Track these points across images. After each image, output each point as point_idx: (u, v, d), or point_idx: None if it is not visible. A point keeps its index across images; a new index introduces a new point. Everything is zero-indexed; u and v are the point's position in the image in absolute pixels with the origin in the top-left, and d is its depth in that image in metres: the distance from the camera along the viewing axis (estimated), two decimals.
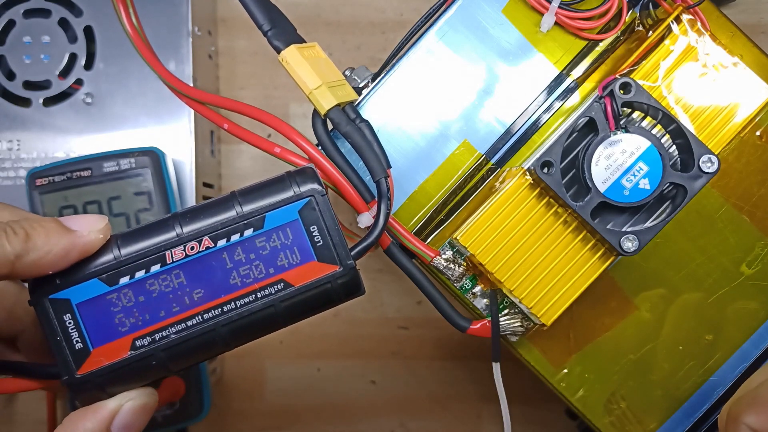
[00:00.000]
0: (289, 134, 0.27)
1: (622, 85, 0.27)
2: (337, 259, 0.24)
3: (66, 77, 0.41)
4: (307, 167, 0.25)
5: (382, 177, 0.26)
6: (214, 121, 0.28)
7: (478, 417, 0.48)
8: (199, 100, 0.28)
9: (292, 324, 0.25)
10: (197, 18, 0.43)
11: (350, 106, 0.27)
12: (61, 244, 0.21)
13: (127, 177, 0.39)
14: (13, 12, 0.41)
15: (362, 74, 0.33)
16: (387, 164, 0.26)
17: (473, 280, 0.30)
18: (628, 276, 0.31)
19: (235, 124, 0.28)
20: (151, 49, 0.27)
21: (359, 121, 0.27)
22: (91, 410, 0.22)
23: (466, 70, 0.30)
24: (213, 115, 0.28)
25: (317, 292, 0.24)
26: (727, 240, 0.31)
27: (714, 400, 0.31)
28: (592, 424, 0.32)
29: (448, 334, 0.48)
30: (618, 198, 0.27)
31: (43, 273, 0.21)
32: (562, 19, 0.30)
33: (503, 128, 0.30)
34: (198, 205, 0.24)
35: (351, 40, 0.48)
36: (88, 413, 0.22)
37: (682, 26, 0.29)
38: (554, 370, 0.31)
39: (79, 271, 0.23)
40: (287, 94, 0.48)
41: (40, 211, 0.38)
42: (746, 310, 0.31)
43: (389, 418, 0.48)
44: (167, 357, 0.23)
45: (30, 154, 0.41)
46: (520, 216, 0.28)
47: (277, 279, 0.24)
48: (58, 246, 0.21)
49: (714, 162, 0.26)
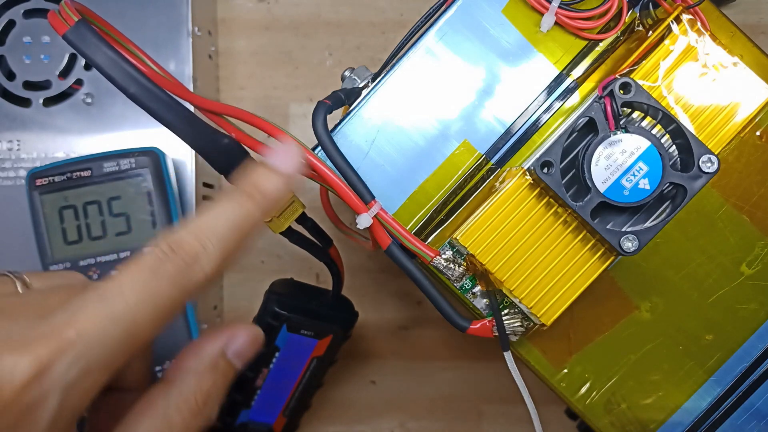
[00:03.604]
0: (282, 139, 0.27)
1: (622, 85, 0.27)
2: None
3: (66, 77, 0.41)
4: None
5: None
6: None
7: (478, 417, 0.48)
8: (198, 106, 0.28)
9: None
10: (197, 18, 0.43)
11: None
12: (286, 190, 0.25)
13: (127, 177, 0.38)
14: (13, 12, 0.41)
15: (362, 74, 0.33)
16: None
17: (473, 280, 0.30)
18: (628, 276, 0.31)
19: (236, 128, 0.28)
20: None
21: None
22: (213, 336, 0.25)
23: (466, 70, 0.30)
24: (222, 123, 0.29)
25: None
26: (727, 240, 0.31)
27: (714, 401, 0.31)
28: (592, 424, 0.32)
29: (448, 334, 0.48)
30: (618, 198, 0.27)
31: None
32: (562, 19, 0.30)
33: (503, 128, 0.30)
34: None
35: (351, 40, 0.48)
36: (210, 338, 0.25)
37: (682, 26, 0.29)
38: (554, 370, 0.31)
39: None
40: (287, 94, 0.48)
41: (40, 211, 0.38)
42: (746, 310, 0.31)
43: (389, 418, 0.48)
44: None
45: (30, 154, 0.41)
46: (520, 216, 0.28)
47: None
48: (285, 193, 0.25)
49: (714, 162, 0.26)
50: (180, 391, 0.23)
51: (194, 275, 0.22)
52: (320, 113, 0.28)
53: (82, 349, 0.19)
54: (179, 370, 0.24)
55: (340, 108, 0.31)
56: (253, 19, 0.48)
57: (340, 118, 0.30)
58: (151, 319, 0.21)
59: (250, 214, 0.23)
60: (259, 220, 0.24)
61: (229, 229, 0.23)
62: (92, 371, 0.20)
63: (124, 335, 0.20)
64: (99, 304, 0.20)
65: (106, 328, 0.20)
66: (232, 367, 0.25)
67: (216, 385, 0.24)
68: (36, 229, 0.38)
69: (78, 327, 0.19)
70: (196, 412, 0.23)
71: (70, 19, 0.24)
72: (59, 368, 0.19)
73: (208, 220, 0.23)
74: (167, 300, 0.21)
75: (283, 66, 0.48)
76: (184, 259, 0.21)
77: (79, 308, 0.20)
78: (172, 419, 0.23)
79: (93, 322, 0.20)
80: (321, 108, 0.29)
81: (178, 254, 0.21)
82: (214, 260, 0.22)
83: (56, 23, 0.24)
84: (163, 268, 0.21)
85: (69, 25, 0.24)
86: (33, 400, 0.19)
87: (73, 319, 0.20)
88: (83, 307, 0.20)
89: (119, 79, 0.25)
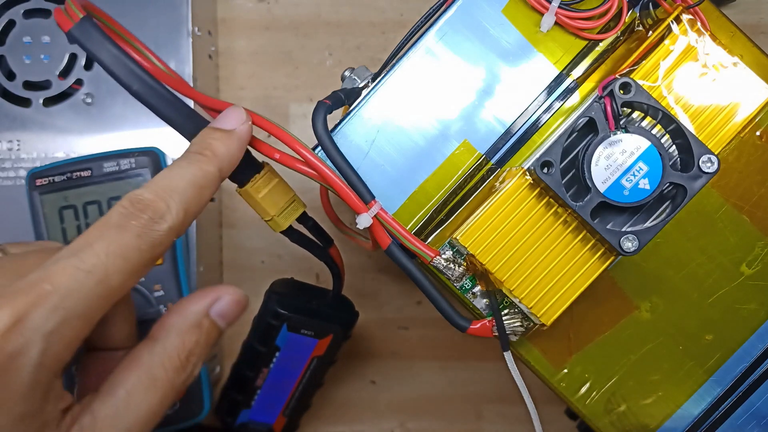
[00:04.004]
0: (285, 139, 0.27)
1: (622, 85, 0.27)
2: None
3: (66, 77, 0.41)
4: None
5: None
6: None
7: (478, 417, 0.48)
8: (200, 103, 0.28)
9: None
10: (197, 18, 0.43)
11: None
12: (234, 146, 0.26)
13: (127, 177, 0.39)
14: (13, 12, 0.41)
15: (362, 74, 0.33)
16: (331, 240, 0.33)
17: (473, 280, 0.30)
18: (628, 276, 0.31)
19: None
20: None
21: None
22: (197, 296, 0.26)
23: (466, 70, 0.30)
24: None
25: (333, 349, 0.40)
26: (727, 240, 0.31)
27: (714, 400, 0.31)
28: (592, 424, 0.32)
29: (448, 334, 0.48)
30: (618, 198, 0.27)
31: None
32: (562, 19, 0.30)
33: (503, 128, 0.30)
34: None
35: (351, 40, 0.48)
36: (194, 298, 0.26)
37: (682, 26, 0.29)
38: (554, 370, 0.31)
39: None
40: (287, 94, 0.48)
41: (40, 211, 0.38)
42: (746, 310, 0.31)
43: (389, 418, 0.48)
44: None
45: (30, 154, 0.42)
46: (520, 216, 0.28)
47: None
48: (234, 148, 0.26)
49: (714, 162, 0.26)
50: (164, 347, 0.25)
51: (159, 228, 0.23)
52: (320, 113, 0.28)
53: (57, 300, 0.21)
54: (163, 328, 0.25)
55: (340, 108, 0.31)
56: (253, 19, 0.48)
57: (340, 118, 0.30)
58: (122, 270, 0.22)
59: (204, 171, 0.25)
60: (214, 176, 0.25)
61: (186, 185, 0.24)
62: (70, 320, 0.21)
63: (98, 286, 0.22)
64: (71, 259, 0.21)
65: (79, 280, 0.21)
66: (216, 327, 0.26)
67: (199, 343, 0.25)
68: (36, 229, 0.38)
69: (53, 281, 0.21)
70: (179, 368, 0.25)
71: (75, 15, 0.24)
72: (37, 318, 0.20)
73: (166, 179, 0.24)
74: (135, 251, 0.22)
75: (283, 66, 0.48)
76: (147, 213, 0.23)
77: (53, 263, 0.21)
78: (156, 374, 0.24)
79: (67, 275, 0.21)
80: (321, 108, 0.29)
81: (142, 210, 0.23)
82: (176, 214, 0.23)
83: (61, 19, 0.24)
84: (129, 223, 0.23)
85: (74, 21, 0.24)
86: (14, 349, 0.20)
87: (48, 274, 0.21)
88: (56, 262, 0.21)
89: (122, 76, 0.25)
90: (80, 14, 0.24)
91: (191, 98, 0.28)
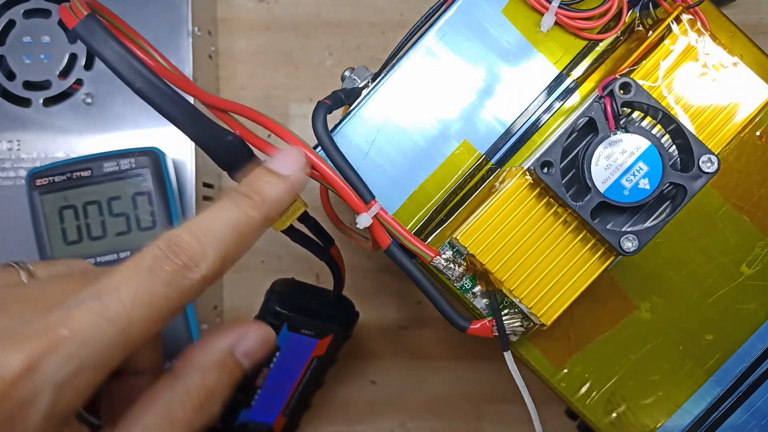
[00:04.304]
0: (286, 137, 0.27)
1: (622, 85, 0.27)
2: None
3: (66, 77, 0.42)
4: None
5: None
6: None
7: (479, 417, 0.48)
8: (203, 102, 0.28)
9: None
10: (197, 18, 0.43)
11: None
12: (286, 193, 0.25)
13: (127, 177, 0.38)
14: (13, 12, 0.41)
15: (362, 74, 0.33)
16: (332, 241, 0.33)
17: (473, 280, 0.30)
18: (628, 276, 0.31)
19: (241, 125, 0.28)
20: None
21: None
22: (223, 332, 0.25)
23: (466, 70, 0.30)
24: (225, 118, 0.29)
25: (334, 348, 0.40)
26: (727, 240, 0.31)
27: (714, 400, 0.31)
28: (592, 424, 0.32)
29: (448, 334, 0.48)
30: (618, 198, 0.27)
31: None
32: (562, 19, 0.30)
33: (503, 128, 0.30)
34: None
35: (351, 40, 0.48)
36: (220, 334, 0.25)
37: (682, 26, 0.29)
38: (554, 370, 0.31)
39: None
40: (287, 94, 0.48)
41: (40, 211, 0.38)
42: (746, 310, 0.31)
43: (389, 418, 0.48)
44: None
45: (30, 154, 0.42)
46: (519, 216, 0.28)
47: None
48: (285, 196, 0.25)
49: (714, 162, 0.26)
50: (185, 386, 0.23)
51: (192, 277, 0.21)
52: (320, 113, 0.28)
53: (74, 348, 0.19)
54: (187, 365, 0.24)
55: (340, 108, 0.31)
56: (253, 19, 0.48)
57: (340, 118, 0.30)
58: (146, 319, 0.21)
59: (250, 217, 0.23)
60: (259, 224, 0.24)
61: (228, 231, 0.22)
62: (85, 370, 0.20)
63: (119, 335, 0.20)
64: (94, 303, 0.20)
65: (100, 328, 0.20)
66: (239, 366, 0.25)
67: (221, 383, 0.24)
68: (36, 229, 0.38)
69: (72, 325, 0.20)
70: (199, 408, 0.23)
71: (80, 12, 0.24)
72: (51, 365, 0.19)
73: (208, 221, 0.22)
74: (163, 300, 0.21)
75: (283, 66, 0.48)
76: (182, 259, 0.21)
77: (75, 306, 0.20)
78: (175, 414, 0.23)
79: (87, 321, 0.20)
80: (321, 108, 0.29)
81: (177, 255, 0.21)
82: (213, 262, 0.22)
83: (66, 17, 0.24)
84: (161, 268, 0.21)
85: (79, 18, 0.24)
86: (25, 396, 0.19)
87: (68, 317, 0.20)
88: (78, 305, 0.20)
89: (125, 74, 0.25)
90: (85, 11, 0.24)
91: (195, 97, 0.28)
